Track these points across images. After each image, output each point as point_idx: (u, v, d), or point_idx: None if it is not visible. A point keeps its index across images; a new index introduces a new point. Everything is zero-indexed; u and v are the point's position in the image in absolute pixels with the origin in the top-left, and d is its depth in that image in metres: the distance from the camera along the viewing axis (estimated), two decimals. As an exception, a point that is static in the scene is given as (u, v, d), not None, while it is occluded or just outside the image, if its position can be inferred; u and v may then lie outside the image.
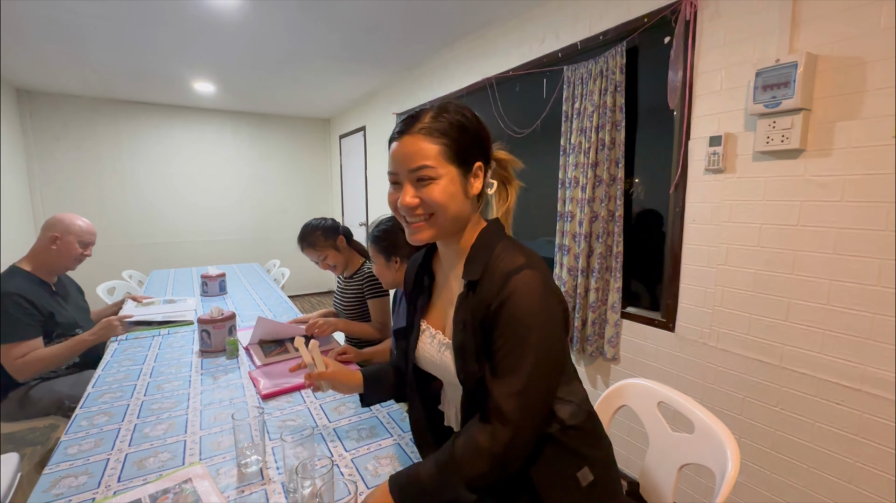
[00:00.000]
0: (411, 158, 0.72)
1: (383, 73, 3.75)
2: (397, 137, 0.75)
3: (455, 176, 0.74)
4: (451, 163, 0.73)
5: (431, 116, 0.74)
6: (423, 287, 0.91)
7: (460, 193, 0.75)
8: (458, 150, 0.74)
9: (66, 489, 0.87)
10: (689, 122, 1.71)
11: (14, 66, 3.44)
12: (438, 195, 0.72)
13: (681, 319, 1.81)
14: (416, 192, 0.73)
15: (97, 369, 1.50)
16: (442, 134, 0.72)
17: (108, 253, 4.59)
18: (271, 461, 0.96)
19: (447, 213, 0.74)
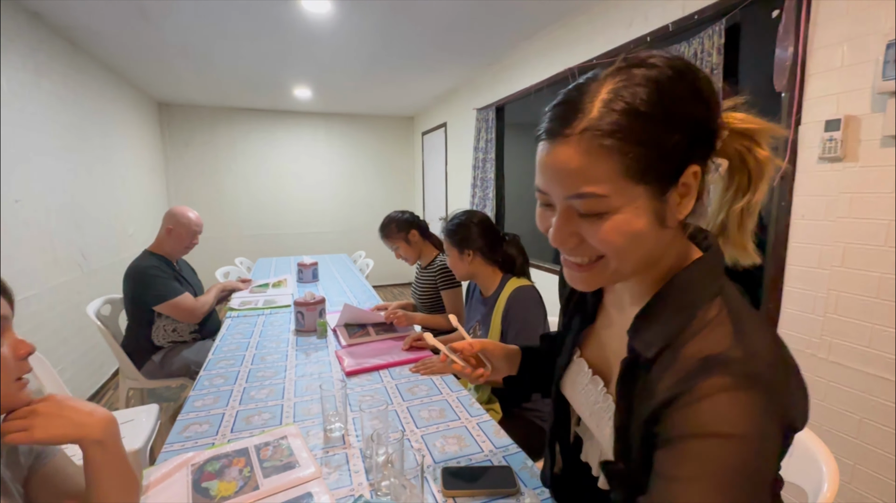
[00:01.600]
0: (568, 180, 0.45)
1: (464, 70, 3.81)
2: (546, 139, 0.47)
3: (644, 203, 0.45)
4: (639, 182, 0.44)
5: (603, 103, 0.43)
6: (585, 304, 0.68)
7: (651, 228, 0.46)
8: (652, 159, 0.43)
9: (193, 433, 1.06)
10: (801, 106, 1.52)
11: (156, 84, 4.09)
12: (613, 236, 0.45)
13: (783, 326, 1.63)
14: (576, 226, 0.47)
15: (215, 340, 1.77)
16: (622, 138, 0.42)
17: (224, 242, 5.27)
18: (352, 429, 1.07)
19: (626, 259, 0.48)
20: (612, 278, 0.51)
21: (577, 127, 0.43)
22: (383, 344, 1.63)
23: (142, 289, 2.00)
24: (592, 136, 0.42)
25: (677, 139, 0.43)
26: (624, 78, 0.43)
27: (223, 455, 0.95)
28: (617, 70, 0.44)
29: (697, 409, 0.41)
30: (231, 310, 2.16)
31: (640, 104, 0.42)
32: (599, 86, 0.44)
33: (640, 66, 0.44)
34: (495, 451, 0.97)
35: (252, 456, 0.95)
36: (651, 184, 0.44)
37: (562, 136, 0.44)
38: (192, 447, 1.00)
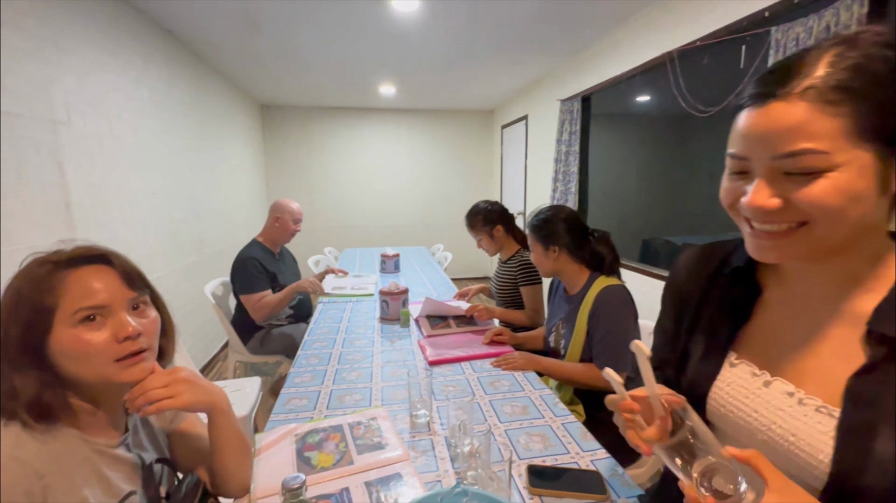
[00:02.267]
0: (781, 138, 0.44)
1: (549, 60, 3.70)
2: (757, 103, 0.46)
3: (868, 163, 0.43)
4: (866, 140, 0.42)
5: (830, 63, 0.43)
6: (733, 302, 0.61)
7: (871, 192, 0.43)
8: (883, 117, 0.42)
9: (294, 406, 1.16)
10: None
11: (260, 87, 4.51)
12: (829, 195, 0.43)
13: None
14: (780, 188, 0.46)
15: (309, 323, 1.92)
16: (852, 93, 0.41)
17: (314, 232, 5.69)
18: (436, 417, 1.10)
19: (838, 224, 0.45)
20: (813, 248, 0.47)
21: (798, 86, 0.43)
22: (464, 336, 1.66)
23: (236, 276, 2.24)
24: (816, 93, 0.42)
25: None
26: (848, 42, 0.44)
27: (321, 429, 1.03)
28: (838, 38, 0.45)
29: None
30: (324, 295, 2.33)
31: (872, 62, 0.42)
32: (821, 52, 0.44)
33: (864, 32, 0.44)
34: (582, 454, 0.95)
35: (346, 433, 1.02)
36: (879, 143, 0.42)
37: (777, 96, 0.44)
38: (293, 419, 1.10)
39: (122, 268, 0.68)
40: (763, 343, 0.58)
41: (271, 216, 2.37)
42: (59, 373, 0.62)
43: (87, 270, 0.65)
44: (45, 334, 0.61)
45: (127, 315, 0.66)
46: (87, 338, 0.61)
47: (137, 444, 0.73)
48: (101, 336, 0.63)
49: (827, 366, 0.51)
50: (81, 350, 0.61)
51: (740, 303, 0.60)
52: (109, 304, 0.64)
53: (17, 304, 0.60)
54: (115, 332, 0.64)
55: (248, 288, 2.20)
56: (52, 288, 0.61)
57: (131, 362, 0.66)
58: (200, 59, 3.43)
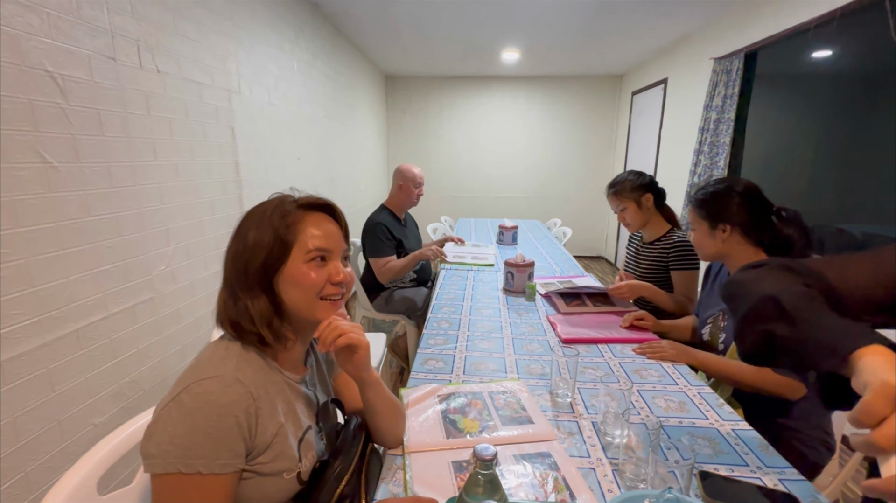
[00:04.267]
0: None
1: (703, 9, 3.17)
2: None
3: None
4: None
5: None
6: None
7: None
8: None
9: (432, 367, 1.19)
10: None
11: (386, 58, 4.66)
12: None
13: None
14: None
15: (431, 288, 1.96)
16: None
17: (430, 201, 5.85)
18: (578, 399, 1.04)
19: None
20: None
21: None
22: (601, 317, 1.54)
23: (366, 240, 2.36)
24: None
25: None
26: None
27: (462, 394, 1.03)
28: None
29: None
30: (445, 263, 2.37)
31: None
32: None
33: None
34: (766, 470, 0.80)
35: (487, 401, 1.00)
36: None
37: None
38: (433, 380, 1.12)
39: (343, 221, 0.76)
40: None
41: (395, 182, 2.45)
42: (281, 303, 0.68)
43: (318, 216, 0.72)
44: (282, 264, 0.67)
45: (340, 264, 0.72)
46: (311, 274, 0.68)
47: (313, 384, 0.79)
48: (321, 275, 0.69)
49: None
50: (305, 283, 0.68)
51: None
52: (332, 250, 0.71)
53: (264, 233, 0.67)
54: (330, 275, 0.70)
55: (376, 252, 2.32)
56: (293, 224, 0.68)
57: (332, 304, 0.71)
58: (338, 31, 3.62)
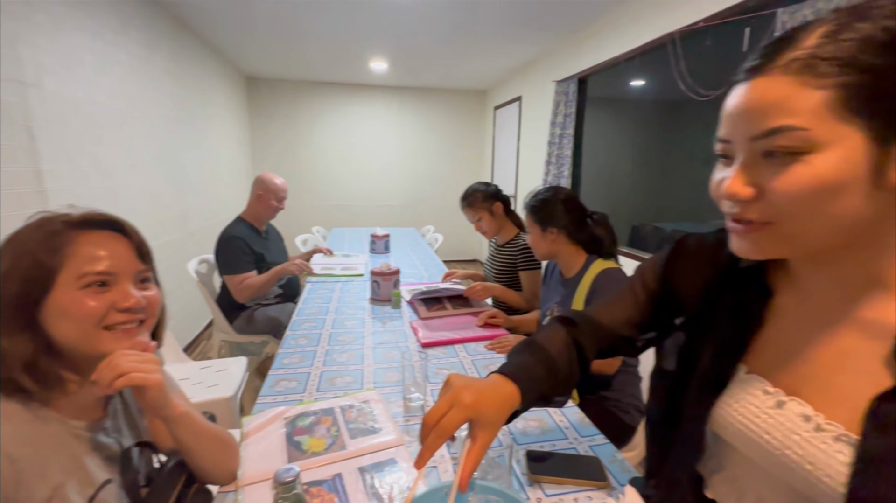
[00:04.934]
0: (760, 115, 0.40)
1: (545, 39, 3.60)
2: (742, 79, 0.42)
3: (857, 144, 0.37)
4: (856, 116, 0.37)
5: (823, 34, 0.38)
6: (742, 306, 0.54)
7: (860, 182, 0.38)
8: (879, 91, 0.36)
9: (283, 388, 1.12)
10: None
11: (246, 58, 4.32)
12: (800, 186, 0.39)
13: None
14: (757, 176, 0.42)
15: (297, 303, 1.86)
16: (843, 64, 0.37)
17: (301, 211, 5.57)
18: (430, 400, 1.07)
19: (814, 222, 0.40)
20: (793, 246, 0.43)
21: (784, 58, 0.39)
22: (459, 318, 1.63)
23: (220, 256, 2.16)
24: (803, 66, 0.38)
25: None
26: (856, 13, 0.38)
27: (311, 412, 0.99)
28: (846, 9, 0.39)
29: None
30: (311, 276, 2.27)
31: (877, 31, 0.36)
32: (821, 24, 0.39)
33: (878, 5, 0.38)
34: (580, 440, 0.93)
35: (338, 416, 0.98)
36: (873, 119, 0.36)
37: (763, 71, 0.40)
38: (282, 401, 1.05)
39: (136, 238, 0.66)
40: (776, 355, 0.50)
41: (253, 192, 2.28)
42: (51, 340, 0.58)
43: (98, 235, 0.62)
44: (44, 294, 0.57)
45: (132, 287, 0.63)
46: (87, 302, 0.58)
47: (117, 429, 0.68)
48: (102, 301, 0.59)
49: (849, 385, 0.44)
50: (79, 312, 0.58)
51: (750, 307, 0.53)
52: (118, 272, 0.61)
53: (19, 260, 0.56)
54: (115, 300, 0.60)
55: (231, 268, 2.13)
56: (60, 247, 0.58)
57: (123, 334, 0.62)
58: (183, 25, 3.25)
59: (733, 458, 0.55)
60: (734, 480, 0.55)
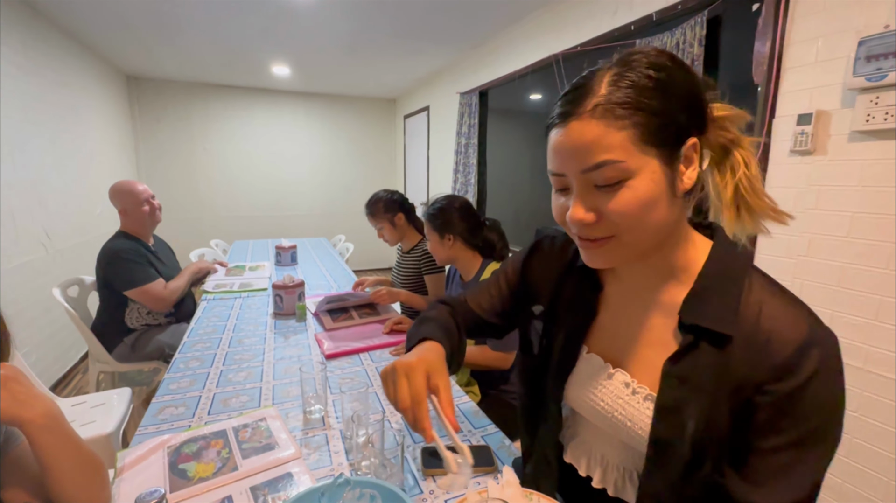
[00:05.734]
0: (584, 153, 0.48)
1: (448, 53, 3.75)
2: (559, 122, 0.51)
3: (657, 167, 0.48)
4: (650, 145, 0.47)
5: (609, 83, 0.48)
6: (581, 298, 0.66)
7: (665, 195, 0.49)
8: (659, 126, 0.47)
9: (168, 416, 1.04)
10: (775, 99, 1.56)
11: (125, 55, 3.89)
12: (630, 204, 0.48)
13: (750, 312, 1.70)
14: (594, 200, 0.50)
15: (191, 323, 1.73)
16: (631, 107, 0.47)
17: (198, 223, 5.12)
18: (332, 411, 1.07)
19: (643, 230, 0.50)
20: (630, 253, 0.53)
21: (589, 104, 0.48)
22: (366, 327, 1.63)
23: (112, 272, 1.93)
24: (604, 110, 0.47)
25: (676, 108, 0.48)
26: (624, 63, 0.49)
27: (200, 437, 0.94)
28: (616, 60, 0.50)
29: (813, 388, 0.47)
30: (206, 292, 2.11)
31: (643, 79, 0.47)
32: (603, 73, 0.49)
33: (635, 55, 0.50)
34: (474, 432, 0.99)
35: (230, 437, 0.94)
36: (661, 148, 0.48)
37: (575, 115, 0.49)
38: (167, 430, 0.98)
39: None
40: (607, 336, 0.63)
41: (117, 209, 2.03)
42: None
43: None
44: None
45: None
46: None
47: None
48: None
49: (651, 355, 0.57)
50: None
51: (587, 299, 0.65)
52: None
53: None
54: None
55: (136, 280, 1.91)
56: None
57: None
58: (39, 15, 2.84)
59: (584, 426, 0.67)
60: (584, 444, 0.68)
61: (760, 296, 0.51)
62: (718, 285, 0.52)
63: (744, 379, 0.49)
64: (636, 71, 0.48)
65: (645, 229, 0.50)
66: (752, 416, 0.50)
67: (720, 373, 0.50)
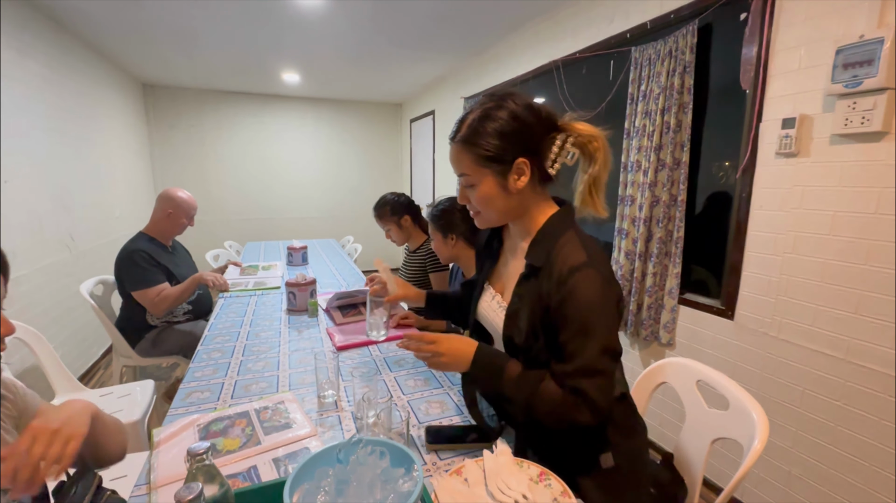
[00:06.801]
0: (454, 165, 0.85)
1: (452, 59, 3.86)
2: (449, 143, 0.86)
3: (491, 179, 0.81)
4: (487, 167, 0.80)
5: (468, 125, 0.81)
6: (492, 250, 1.01)
7: (499, 193, 0.83)
8: (494, 155, 0.79)
9: (195, 399, 1.14)
10: (762, 104, 1.64)
11: (141, 64, 4.04)
12: (477, 198, 0.84)
13: (741, 308, 1.77)
14: (465, 193, 0.87)
15: (209, 319, 1.84)
16: (476, 143, 0.79)
17: (212, 225, 5.27)
18: (343, 396, 1.17)
19: (490, 212, 0.86)
20: (490, 222, 0.90)
21: (458, 136, 0.84)
22: (372, 322, 1.72)
23: (124, 272, 2.05)
24: (462, 141, 0.83)
25: (510, 142, 0.80)
26: (479, 109, 0.82)
27: (226, 417, 1.04)
28: (480, 103, 0.83)
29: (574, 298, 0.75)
30: (226, 291, 2.23)
31: (490, 127, 0.80)
32: (470, 112, 0.84)
33: (489, 102, 0.82)
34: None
35: (253, 417, 1.04)
36: (491, 168, 0.81)
37: (452, 140, 0.86)
38: (195, 411, 1.08)
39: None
40: (497, 274, 1.00)
41: (161, 209, 2.19)
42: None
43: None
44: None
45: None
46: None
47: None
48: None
49: (512, 283, 0.89)
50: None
51: (494, 250, 1.01)
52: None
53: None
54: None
55: (140, 282, 2.02)
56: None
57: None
58: (63, 28, 2.99)
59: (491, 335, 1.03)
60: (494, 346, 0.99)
61: (564, 244, 0.80)
62: (544, 238, 0.83)
63: (545, 294, 0.79)
64: (485, 120, 0.80)
65: (492, 211, 0.86)
66: (550, 319, 0.78)
67: (535, 291, 0.81)
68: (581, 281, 0.74)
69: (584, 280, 0.74)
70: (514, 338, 0.84)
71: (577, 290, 0.74)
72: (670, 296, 2.03)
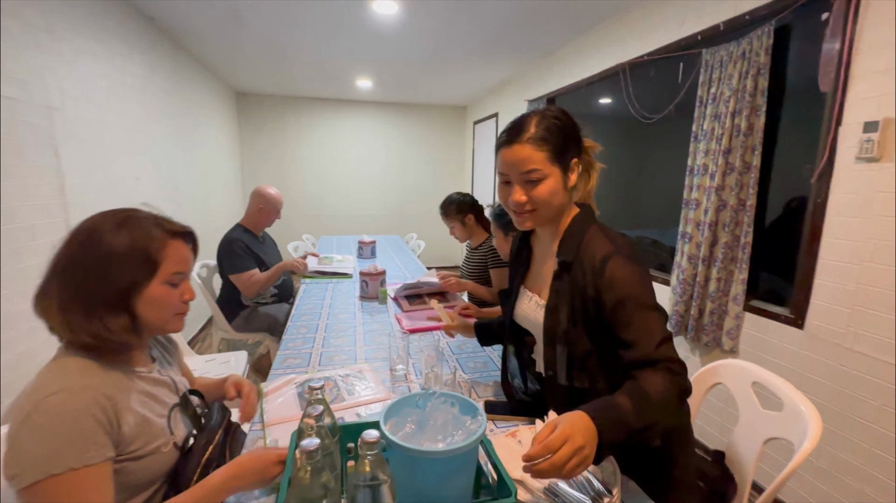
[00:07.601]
0: (520, 164, 0.85)
1: (517, 62, 3.94)
2: (506, 145, 0.88)
3: (559, 176, 0.88)
4: (557, 165, 0.87)
5: (535, 124, 0.86)
6: (522, 258, 1.09)
7: (561, 190, 0.88)
8: (559, 153, 0.86)
9: (290, 364, 1.36)
10: (842, 106, 1.58)
11: (236, 76, 4.56)
12: (545, 194, 0.87)
13: (812, 317, 1.71)
14: (526, 191, 0.88)
15: (292, 302, 2.10)
16: (550, 142, 0.85)
17: (290, 220, 5.75)
18: (412, 371, 1.33)
19: (549, 209, 0.89)
20: (543, 219, 0.93)
21: (525, 136, 0.86)
22: (436, 310, 1.89)
23: (223, 258, 2.38)
24: (532, 140, 0.86)
25: (568, 142, 0.88)
26: (541, 115, 0.89)
27: (316, 379, 1.24)
28: (537, 112, 0.90)
29: (616, 284, 0.83)
30: (305, 277, 2.50)
31: (554, 126, 0.87)
32: (531, 118, 0.89)
33: (548, 110, 0.90)
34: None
35: (338, 381, 1.23)
36: (560, 165, 0.88)
37: (518, 141, 0.87)
38: (291, 372, 1.30)
39: (196, 246, 0.87)
40: (531, 277, 1.06)
41: (254, 204, 2.51)
42: (137, 319, 0.77)
43: (181, 243, 0.82)
44: (146, 284, 0.75)
45: (189, 283, 0.85)
46: (171, 294, 0.79)
47: (164, 368, 0.91)
48: (175, 295, 0.80)
49: (548, 282, 0.96)
50: (167, 303, 0.78)
51: (524, 258, 1.08)
52: (187, 272, 0.83)
53: (130, 254, 0.73)
54: (183, 294, 0.82)
55: (237, 267, 2.35)
56: (162, 248, 0.77)
57: (182, 317, 0.85)
58: (179, 47, 3.48)
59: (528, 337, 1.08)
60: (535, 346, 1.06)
61: (590, 239, 0.89)
62: (571, 236, 0.92)
63: (581, 286, 0.87)
64: (548, 119, 0.87)
65: (550, 207, 0.89)
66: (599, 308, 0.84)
67: (571, 284, 0.89)
68: (615, 268, 0.83)
69: (617, 265, 0.83)
70: (555, 330, 0.92)
71: (615, 276, 0.82)
72: (735, 302, 1.99)
